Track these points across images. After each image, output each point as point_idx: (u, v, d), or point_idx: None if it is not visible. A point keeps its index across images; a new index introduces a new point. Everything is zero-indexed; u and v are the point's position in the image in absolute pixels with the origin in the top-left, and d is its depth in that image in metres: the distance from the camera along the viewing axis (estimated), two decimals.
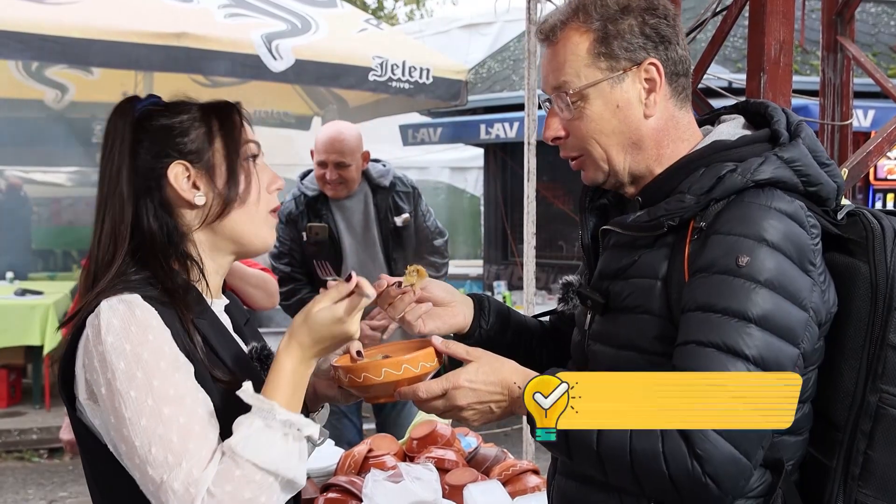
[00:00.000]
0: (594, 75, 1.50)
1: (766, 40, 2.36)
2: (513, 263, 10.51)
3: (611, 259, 1.56)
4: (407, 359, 1.51)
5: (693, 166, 1.49)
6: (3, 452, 6.73)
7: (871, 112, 7.58)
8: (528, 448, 3.91)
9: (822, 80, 3.39)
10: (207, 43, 5.28)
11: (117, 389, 1.31)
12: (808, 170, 1.45)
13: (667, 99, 1.53)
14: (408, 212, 3.99)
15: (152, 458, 1.28)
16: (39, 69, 7.43)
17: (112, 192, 1.47)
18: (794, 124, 1.51)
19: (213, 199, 1.49)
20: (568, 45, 1.53)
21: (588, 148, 1.54)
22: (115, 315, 1.34)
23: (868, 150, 2.79)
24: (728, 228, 1.38)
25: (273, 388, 1.36)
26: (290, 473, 1.32)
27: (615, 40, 1.50)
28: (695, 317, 1.36)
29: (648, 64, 1.50)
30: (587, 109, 1.51)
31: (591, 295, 1.56)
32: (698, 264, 1.39)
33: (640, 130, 1.52)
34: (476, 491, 2.23)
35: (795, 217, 1.39)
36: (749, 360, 1.31)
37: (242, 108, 1.58)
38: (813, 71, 8.07)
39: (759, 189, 1.41)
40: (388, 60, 5.84)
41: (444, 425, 2.65)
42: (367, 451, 2.52)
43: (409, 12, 22.48)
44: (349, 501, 2.26)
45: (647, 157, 1.54)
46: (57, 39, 4.98)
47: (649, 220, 1.47)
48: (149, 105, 1.52)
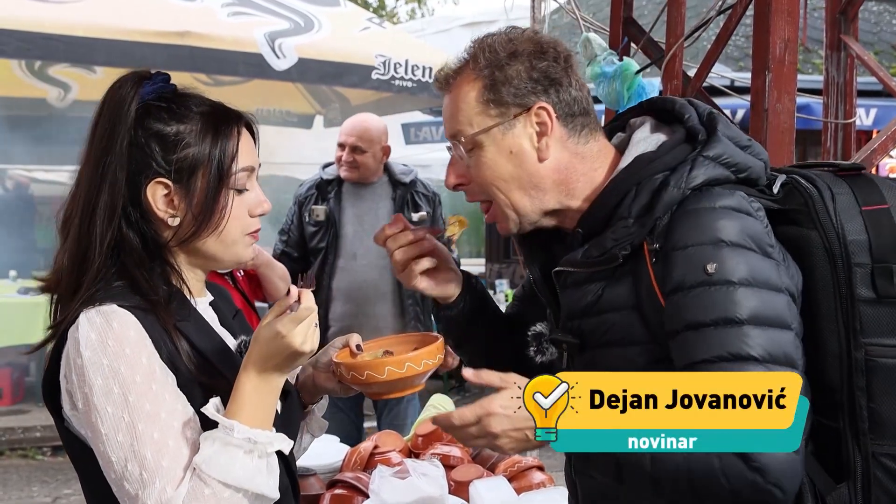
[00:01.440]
0: (485, 122, 1.51)
1: (771, 39, 2.36)
2: (514, 262, 10.52)
3: (574, 297, 1.54)
4: (410, 357, 1.51)
5: (623, 187, 1.48)
6: (8, 450, 6.75)
7: (873, 110, 7.59)
8: None
9: (825, 78, 3.39)
10: (210, 42, 5.29)
11: (94, 405, 1.31)
12: (734, 159, 1.47)
13: (563, 140, 1.53)
14: (426, 211, 4.06)
15: (128, 474, 1.28)
16: (42, 68, 7.43)
17: (101, 191, 1.42)
18: (704, 116, 1.52)
19: (187, 221, 1.44)
20: (460, 93, 1.54)
21: (490, 193, 1.54)
22: (93, 328, 1.33)
23: (872, 149, 2.79)
24: (684, 241, 1.39)
25: (236, 407, 1.34)
26: (259, 489, 1.32)
27: (503, 87, 1.50)
28: (689, 337, 1.36)
29: (538, 108, 1.50)
30: (482, 156, 1.52)
31: (565, 338, 1.55)
32: (669, 285, 1.39)
33: (539, 173, 1.52)
34: (482, 487, 2.24)
35: (741, 208, 1.41)
36: (758, 360, 1.32)
37: (253, 124, 1.53)
38: (815, 69, 8.07)
39: (697, 193, 1.43)
40: (391, 59, 5.85)
41: None
42: (372, 448, 2.54)
43: (410, 11, 22.48)
44: (356, 497, 2.27)
45: (554, 195, 1.54)
46: (60, 38, 5.00)
47: (600, 254, 1.46)
48: (154, 94, 1.45)
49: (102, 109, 1.45)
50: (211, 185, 1.43)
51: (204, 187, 1.43)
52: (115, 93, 1.45)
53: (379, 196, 4.11)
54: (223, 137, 1.45)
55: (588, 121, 1.56)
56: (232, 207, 1.45)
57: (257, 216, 1.51)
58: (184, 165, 1.43)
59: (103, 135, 1.43)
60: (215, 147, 1.44)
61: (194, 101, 1.48)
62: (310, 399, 1.68)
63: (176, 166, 1.42)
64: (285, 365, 1.37)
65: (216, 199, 1.44)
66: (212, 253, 1.48)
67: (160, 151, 1.42)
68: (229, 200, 1.45)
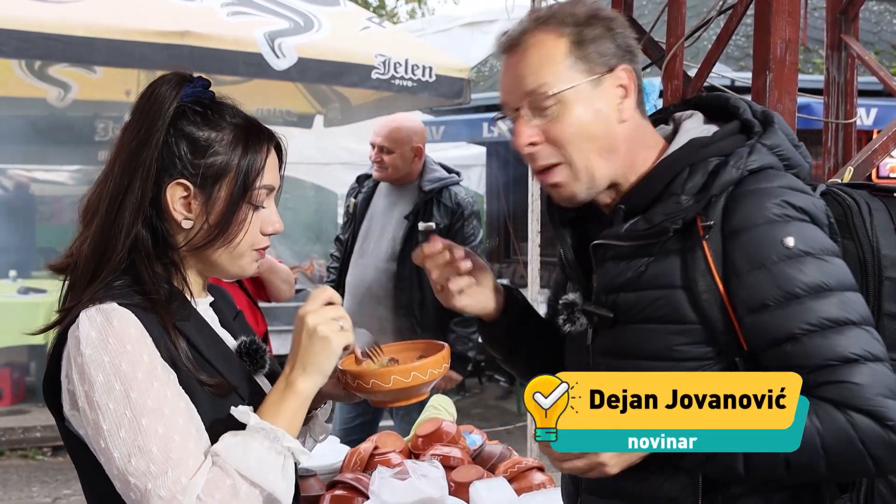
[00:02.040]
0: (574, 78, 1.48)
1: (771, 39, 2.36)
2: (515, 262, 10.52)
3: (613, 271, 1.53)
4: (416, 366, 1.51)
5: (676, 167, 1.49)
6: (7, 450, 6.74)
7: (873, 110, 7.58)
8: (533, 445, 3.91)
9: (826, 78, 3.38)
10: (210, 41, 5.28)
11: (95, 402, 1.31)
12: (787, 153, 1.49)
13: (634, 107, 1.53)
14: (440, 224, 3.97)
15: (133, 469, 1.28)
16: (42, 67, 7.43)
17: (132, 184, 1.42)
18: (759, 113, 1.53)
19: (199, 228, 1.45)
20: (543, 48, 1.49)
21: (568, 153, 1.50)
22: (93, 327, 1.33)
23: (873, 149, 2.78)
24: (752, 220, 1.40)
25: (264, 407, 1.40)
26: (271, 486, 1.33)
27: (591, 44, 1.49)
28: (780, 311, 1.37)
29: (622, 70, 1.50)
30: (566, 114, 1.48)
31: (599, 311, 1.54)
32: (743, 265, 1.40)
33: (617, 136, 1.51)
34: (482, 488, 2.24)
35: (800, 187, 1.44)
36: (856, 323, 1.35)
37: (283, 145, 1.54)
38: (816, 69, 8.07)
39: (755, 175, 1.44)
40: (391, 59, 5.84)
41: (450, 422, 2.65)
42: (372, 449, 2.53)
43: (410, 11, 22.47)
44: (356, 498, 2.27)
45: (622, 163, 1.53)
46: (59, 38, 4.99)
47: (649, 227, 1.46)
48: (192, 98, 1.47)
49: (141, 105, 1.46)
50: (234, 197, 1.45)
51: (225, 198, 1.45)
52: (156, 90, 1.46)
53: (403, 199, 4.06)
54: (252, 151, 1.47)
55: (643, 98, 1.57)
56: (247, 221, 1.47)
57: (268, 234, 1.52)
58: (209, 172, 1.44)
59: (140, 129, 1.44)
60: (243, 159, 1.46)
61: (229, 111, 1.50)
62: (314, 404, 1.68)
63: (201, 171, 1.44)
64: (309, 361, 1.39)
65: (236, 211, 1.45)
66: (219, 263, 1.49)
67: (188, 154, 1.44)
68: (248, 215, 1.47)
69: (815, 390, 1.35)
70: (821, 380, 1.35)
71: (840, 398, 1.33)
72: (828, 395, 1.34)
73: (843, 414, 1.32)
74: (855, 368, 1.33)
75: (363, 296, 4.04)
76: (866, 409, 1.32)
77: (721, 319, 1.42)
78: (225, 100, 1.52)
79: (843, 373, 1.33)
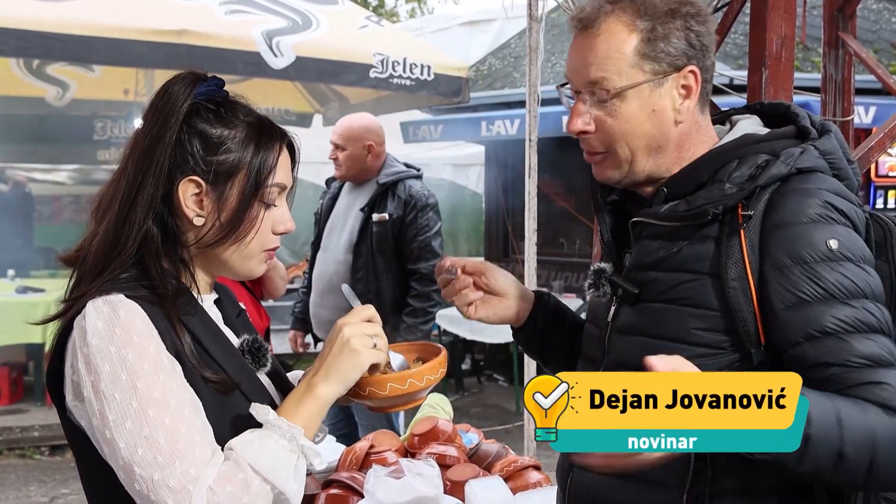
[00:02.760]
0: (636, 76, 1.48)
1: (767, 36, 2.35)
2: (514, 261, 10.51)
3: (646, 250, 1.55)
4: (412, 373, 1.51)
5: (725, 158, 1.50)
6: (5, 450, 6.74)
7: (872, 109, 7.57)
8: (530, 444, 3.91)
9: (823, 76, 3.38)
10: (208, 40, 5.28)
11: (101, 392, 1.30)
12: (839, 163, 1.50)
13: (694, 107, 1.53)
14: (392, 214, 4.10)
15: (139, 459, 1.27)
16: (41, 66, 7.44)
17: (145, 181, 1.43)
18: (818, 122, 1.54)
19: (210, 226, 1.46)
20: (612, 39, 1.48)
21: (615, 147, 1.52)
22: (100, 317, 1.33)
23: (869, 146, 2.78)
24: (797, 217, 1.40)
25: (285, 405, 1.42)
26: (282, 484, 1.33)
27: (661, 42, 1.47)
28: (813, 309, 1.37)
29: (688, 71, 1.49)
30: (622, 109, 1.49)
31: (625, 284, 1.55)
32: (781, 260, 1.40)
33: (669, 136, 1.52)
34: (478, 487, 2.23)
35: (843, 193, 1.45)
36: (883, 332, 1.35)
37: (295, 144, 1.55)
38: (814, 68, 8.05)
39: (805, 174, 1.45)
40: (389, 57, 5.84)
41: (446, 421, 2.64)
42: (368, 448, 2.52)
43: (410, 10, 22.47)
44: (351, 497, 2.26)
45: (667, 160, 1.54)
46: (58, 37, 4.99)
47: (689, 209, 1.47)
48: (205, 96, 1.47)
49: (156, 103, 1.47)
50: (245, 195, 1.46)
51: (236, 195, 1.46)
52: (170, 88, 1.47)
53: (362, 194, 4.23)
54: (264, 149, 1.48)
55: (710, 89, 1.57)
56: (259, 219, 1.48)
57: (279, 234, 1.53)
58: (221, 169, 1.45)
59: (153, 127, 1.44)
60: (255, 157, 1.47)
61: (242, 109, 1.51)
62: None
63: (213, 168, 1.44)
64: (335, 369, 1.41)
65: (248, 209, 1.46)
66: (228, 262, 1.50)
67: (201, 151, 1.45)
68: (260, 213, 1.48)
69: (852, 389, 1.34)
70: (856, 380, 1.33)
71: (879, 399, 1.32)
72: (866, 395, 1.33)
73: (888, 414, 1.31)
74: (889, 371, 1.33)
75: (324, 288, 4.22)
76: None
77: (745, 310, 1.42)
78: (238, 98, 1.53)
79: (878, 374, 1.33)
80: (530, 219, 3.95)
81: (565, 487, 1.67)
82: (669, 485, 1.47)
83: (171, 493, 1.25)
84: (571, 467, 1.65)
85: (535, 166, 3.95)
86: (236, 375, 1.46)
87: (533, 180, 3.94)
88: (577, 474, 1.63)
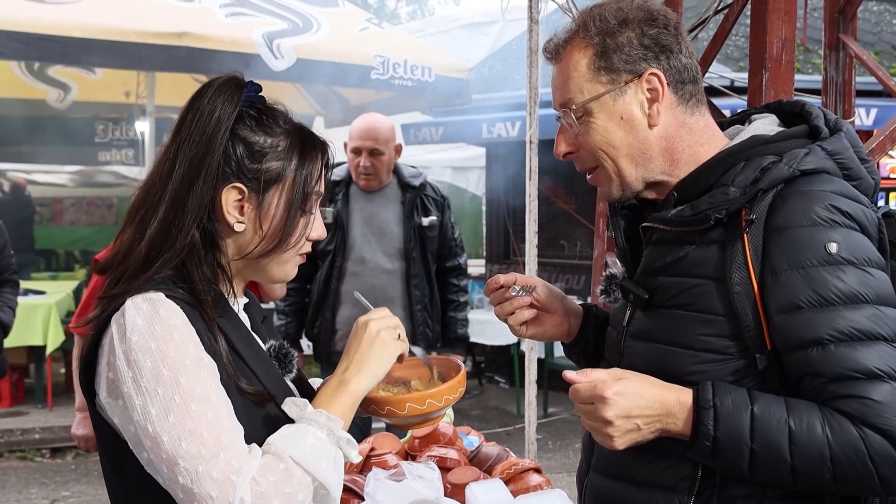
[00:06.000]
0: (596, 89, 1.53)
1: (767, 38, 2.35)
2: (515, 263, 10.50)
3: (655, 255, 1.56)
4: (431, 393, 1.53)
5: (732, 160, 1.50)
6: (6, 452, 6.74)
7: (873, 111, 7.56)
8: (530, 447, 3.90)
9: (824, 78, 3.38)
10: (209, 42, 5.29)
11: (143, 387, 1.31)
12: (850, 163, 1.49)
13: (673, 107, 1.54)
14: (436, 216, 4.06)
15: (183, 452, 1.28)
16: (42, 69, 7.44)
17: (193, 188, 1.43)
18: (832, 121, 1.53)
19: (253, 236, 1.48)
20: (570, 62, 1.55)
21: (599, 159, 1.56)
22: (140, 314, 1.35)
23: (870, 149, 2.78)
24: (797, 221, 1.40)
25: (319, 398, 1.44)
26: (322, 475, 1.34)
27: (615, 53, 1.51)
28: (809, 314, 1.36)
29: (649, 74, 1.51)
30: (592, 123, 1.54)
31: (635, 290, 1.57)
32: (781, 263, 1.39)
33: (648, 140, 1.54)
34: (478, 490, 2.23)
35: (852, 195, 1.43)
36: (887, 339, 1.34)
37: (330, 151, 1.56)
38: (815, 70, 8.05)
39: (808, 176, 1.44)
40: (390, 59, 5.84)
41: (447, 424, 2.64)
42: (368, 450, 2.52)
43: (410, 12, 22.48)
44: (351, 500, 2.25)
45: (659, 164, 1.55)
46: (59, 39, 4.99)
47: (693, 214, 1.48)
48: (246, 102, 1.47)
49: (199, 108, 1.46)
50: (293, 207, 1.47)
51: (281, 205, 1.47)
52: (212, 93, 1.46)
53: (388, 199, 4.07)
54: (309, 161, 1.50)
55: (696, 90, 1.58)
56: (300, 226, 1.50)
57: (313, 240, 1.55)
58: (264, 177, 1.46)
59: (203, 134, 1.44)
60: (301, 169, 1.49)
61: (282, 116, 1.52)
62: None
63: (257, 176, 1.46)
64: (366, 362, 1.44)
65: (294, 221, 1.48)
66: (267, 269, 1.52)
67: (245, 158, 1.46)
68: (303, 223, 1.50)
69: (833, 401, 1.34)
70: (840, 392, 1.34)
71: (857, 413, 1.32)
72: (845, 409, 1.33)
73: (858, 429, 1.32)
74: (877, 385, 1.32)
75: (373, 301, 4.03)
76: (881, 428, 1.31)
77: (749, 315, 1.42)
78: (276, 105, 1.53)
79: (864, 388, 1.32)
80: (531, 221, 3.95)
81: (582, 491, 1.71)
82: (678, 490, 1.48)
83: (214, 484, 1.26)
84: (588, 472, 1.67)
85: (535, 168, 3.94)
86: (268, 383, 1.48)
87: (534, 182, 3.94)
88: (593, 478, 1.65)
